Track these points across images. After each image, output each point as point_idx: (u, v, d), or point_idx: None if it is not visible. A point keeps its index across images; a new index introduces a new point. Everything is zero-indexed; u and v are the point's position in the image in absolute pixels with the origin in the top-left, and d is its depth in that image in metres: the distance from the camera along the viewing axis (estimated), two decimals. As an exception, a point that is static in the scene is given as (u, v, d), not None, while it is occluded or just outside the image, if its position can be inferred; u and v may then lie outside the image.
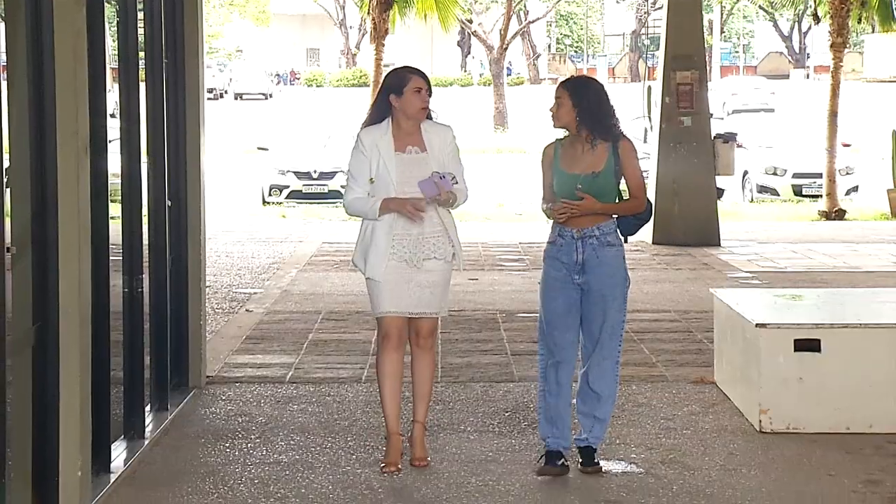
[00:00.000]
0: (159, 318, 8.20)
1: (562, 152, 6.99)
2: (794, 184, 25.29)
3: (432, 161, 6.93)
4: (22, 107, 5.75)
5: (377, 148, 6.91)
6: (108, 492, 6.58)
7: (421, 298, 6.94)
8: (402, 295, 6.90)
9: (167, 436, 7.79)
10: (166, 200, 8.30)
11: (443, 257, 6.96)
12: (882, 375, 7.78)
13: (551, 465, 6.92)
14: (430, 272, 6.93)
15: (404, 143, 6.96)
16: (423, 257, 6.90)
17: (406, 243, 6.89)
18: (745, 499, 6.58)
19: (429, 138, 6.99)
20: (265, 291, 13.71)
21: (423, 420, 7.09)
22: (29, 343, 5.81)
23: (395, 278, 6.87)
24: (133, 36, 7.56)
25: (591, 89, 7.00)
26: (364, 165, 6.93)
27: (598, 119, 6.87)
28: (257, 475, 7.01)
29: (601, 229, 6.87)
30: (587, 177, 6.85)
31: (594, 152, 6.88)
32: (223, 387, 9.06)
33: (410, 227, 6.86)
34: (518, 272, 14.86)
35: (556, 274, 6.95)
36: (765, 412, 7.77)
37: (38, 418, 5.89)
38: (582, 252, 6.85)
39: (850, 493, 6.67)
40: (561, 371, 6.97)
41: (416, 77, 6.97)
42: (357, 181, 6.97)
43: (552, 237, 7.01)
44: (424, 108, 6.97)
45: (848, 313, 8.52)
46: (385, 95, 6.97)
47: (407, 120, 6.96)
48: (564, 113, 6.89)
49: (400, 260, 6.88)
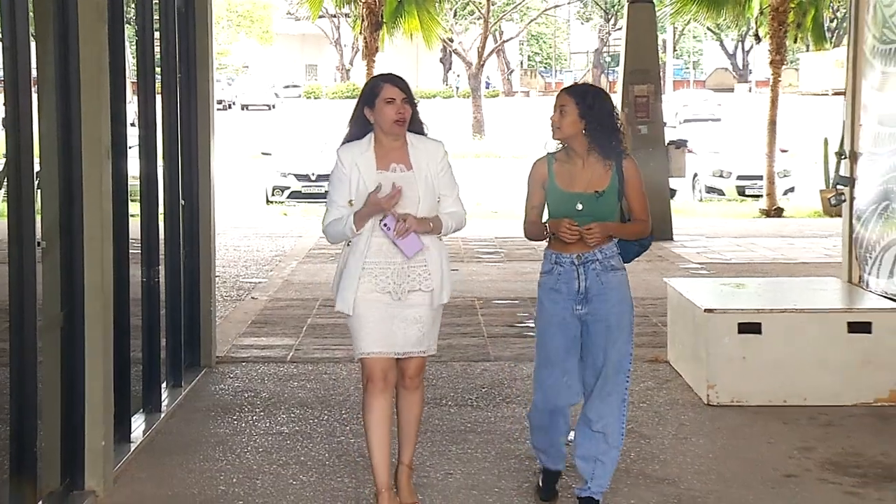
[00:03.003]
0: (174, 304, 8.19)
1: (557, 168, 5.56)
2: (738, 185, 25.42)
3: (419, 180, 5.45)
4: (50, 116, 5.73)
5: (357, 167, 5.44)
6: (128, 459, 6.57)
7: (408, 336, 5.52)
8: (386, 333, 5.49)
9: (181, 409, 7.78)
10: (180, 200, 8.28)
11: (429, 289, 5.53)
12: (815, 355, 7.80)
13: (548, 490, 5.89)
14: (417, 307, 5.51)
15: (387, 160, 5.48)
16: (407, 289, 5.48)
17: (389, 273, 5.46)
18: (695, 464, 6.58)
19: (416, 155, 5.50)
20: (269, 281, 13.71)
21: (410, 462, 5.82)
22: (58, 326, 5.80)
23: (378, 315, 5.47)
24: (150, 52, 7.54)
25: (601, 99, 5.50)
26: (343, 187, 5.47)
27: (607, 134, 5.46)
28: (261, 444, 7.00)
29: (604, 253, 5.48)
30: (589, 196, 5.46)
31: (595, 169, 5.50)
32: (231, 366, 9.05)
33: (392, 256, 5.44)
34: (494, 263, 14.83)
35: (554, 308, 5.56)
36: (712, 387, 7.78)
37: (65, 393, 5.88)
38: (584, 279, 5.48)
39: (786, 459, 6.68)
40: (555, 418, 5.67)
41: (388, 86, 5.47)
42: (335, 203, 5.50)
43: (547, 266, 5.61)
44: (399, 121, 5.44)
45: (785, 300, 8.53)
46: (361, 108, 5.54)
47: (385, 135, 5.48)
48: (569, 124, 5.46)
49: (383, 292, 5.46)
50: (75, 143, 5.87)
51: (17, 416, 5.22)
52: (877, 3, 8.68)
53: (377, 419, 5.54)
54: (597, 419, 5.52)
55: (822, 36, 23.53)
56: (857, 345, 7.82)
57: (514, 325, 10.75)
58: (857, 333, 7.84)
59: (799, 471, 6.49)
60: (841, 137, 10.91)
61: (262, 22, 69.25)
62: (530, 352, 9.51)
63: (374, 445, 5.55)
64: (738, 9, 22.59)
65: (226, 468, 6.55)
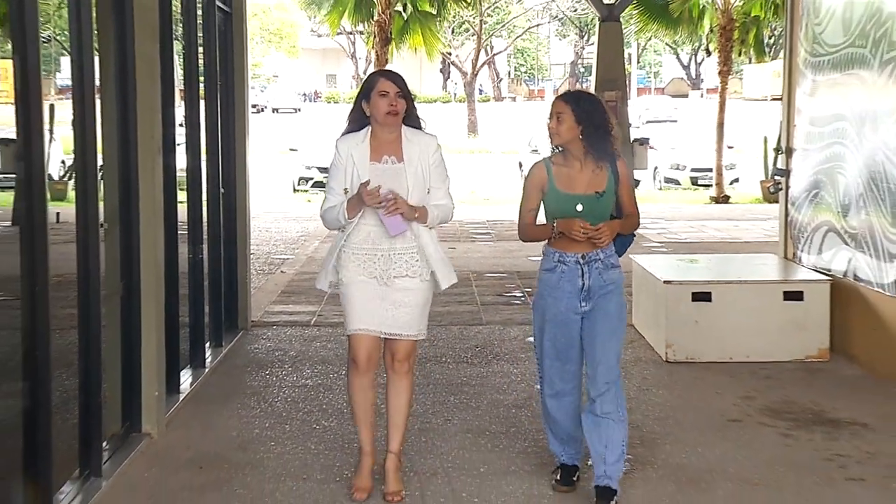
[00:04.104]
0: (215, 276, 8.19)
1: (555, 171, 5.00)
2: (691, 176, 25.37)
3: (409, 173, 4.91)
4: (111, 118, 5.73)
5: (352, 157, 4.92)
6: (177, 407, 6.58)
7: (396, 318, 4.93)
8: (373, 312, 4.92)
9: (221, 365, 7.79)
10: (220, 188, 8.28)
11: (418, 275, 4.95)
12: (756, 319, 7.81)
13: (566, 482, 5.18)
14: (405, 291, 4.93)
15: (381, 152, 4.94)
16: (393, 275, 4.91)
17: (375, 259, 4.92)
18: (655, 411, 6.60)
19: (409, 148, 4.95)
20: (295, 257, 13.70)
21: (398, 451, 5.12)
22: (118, 295, 5.81)
23: (366, 294, 4.92)
24: (195, 64, 7.52)
25: (595, 105, 5.00)
26: (340, 175, 4.96)
27: (603, 138, 4.95)
28: (289, 395, 7.01)
29: (605, 252, 4.99)
30: (590, 197, 4.93)
31: (591, 171, 4.96)
32: (263, 329, 9.06)
33: (379, 242, 4.91)
34: (485, 242, 14.80)
35: (557, 305, 5.00)
36: (670, 347, 7.80)
37: (125, 352, 5.89)
38: (588, 277, 4.97)
39: (731, 406, 6.69)
40: (565, 400, 5.14)
41: (383, 79, 4.96)
42: (332, 191, 4.98)
43: (549, 264, 5.04)
44: (392, 113, 4.90)
45: (731, 272, 8.54)
46: (359, 102, 5.00)
47: (381, 127, 4.94)
48: (566, 129, 4.92)
49: (370, 276, 4.92)
50: (132, 141, 5.86)
51: (84, 371, 5.23)
52: (808, 22, 8.67)
53: (360, 400, 5.04)
54: (602, 406, 4.94)
55: (762, 50, 23.48)
56: (791, 311, 7.83)
57: (503, 295, 10.75)
58: (791, 301, 7.85)
59: (742, 416, 6.50)
60: (778, 136, 10.88)
61: (290, 38, 68.87)
62: (517, 317, 9.56)
63: (360, 419, 5.09)
64: (692, 27, 22.65)
65: (259, 415, 6.56)
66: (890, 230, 7.15)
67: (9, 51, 4.52)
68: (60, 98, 5.23)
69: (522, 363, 7.79)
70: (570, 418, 5.14)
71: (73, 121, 5.19)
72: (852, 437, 6.07)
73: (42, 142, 4.55)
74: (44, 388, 4.57)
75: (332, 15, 23.38)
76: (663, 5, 21.74)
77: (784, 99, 9.33)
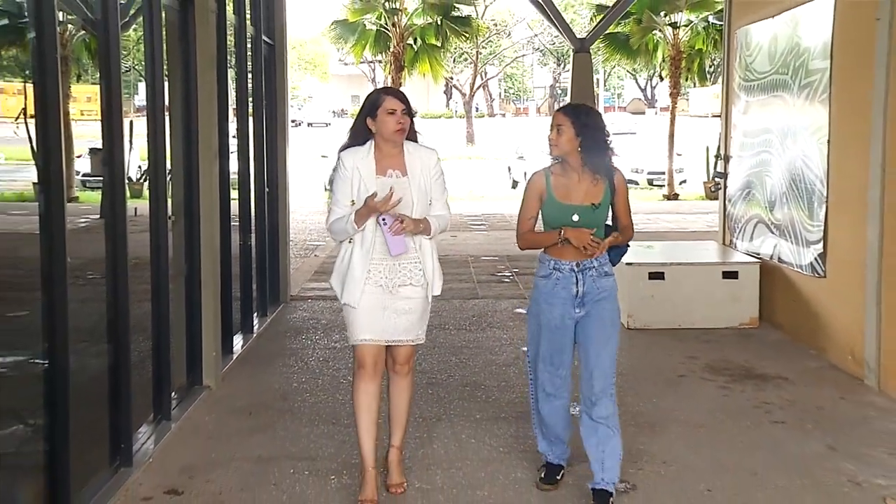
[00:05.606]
0: (261, 259, 8.20)
1: (554, 182, 4.29)
2: (648, 178, 25.33)
3: (412, 185, 4.22)
4: (178, 131, 5.73)
5: (358, 170, 4.19)
6: (231, 365, 6.60)
7: (397, 325, 4.28)
8: (378, 321, 4.25)
9: (266, 331, 7.80)
10: (265, 188, 8.28)
11: (419, 284, 4.27)
12: (700, 293, 7.81)
13: (549, 481, 4.49)
14: (407, 299, 4.26)
15: (385, 165, 4.22)
16: (398, 283, 4.24)
17: (382, 268, 4.24)
18: (619, 369, 6.54)
19: (410, 161, 4.24)
20: (326, 244, 13.69)
21: (400, 445, 4.51)
22: (182, 275, 5.81)
23: (371, 304, 4.24)
24: (244, 87, 7.52)
25: (594, 119, 4.28)
26: (346, 187, 4.20)
27: (601, 151, 4.24)
28: (321, 355, 7.02)
29: (599, 260, 4.27)
30: (586, 208, 4.24)
31: (588, 182, 4.26)
32: (300, 302, 9.06)
33: (386, 254, 4.23)
34: (481, 232, 14.80)
35: (552, 312, 4.30)
36: (631, 317, 7.80)
37: (189, 321, 5.90)
38: (582, 284, 4.25)
39: (679, 364, 6.70)
40: (556, 403, 4.44)
41: (390, 98, 4.23)
42: (339, 203, 4.21)
43: (545, 271, 4.32)
44: (400, 130, 4.20)
45: (680, 256, 8.53)
46: (362, 118, 4.25)
47: (385, 142, 4.22)
48: (566, 141, 4.23)
49: (376, 285, 4.24)
50: (194, 149, 5.87)
51: (156, 335, 5.24)
52: (741, 54, 8.66)
53: (366, 404, 4.28)
54: (597, 411, 4.26)
55: (704, 76, 23.44)
56: (728, 287, 7.83)
57: (495, 275, 10.75)
58: (728, 279, 7.85)
59: (687, 372, 6.51)
60: (718, 145, 10.87)
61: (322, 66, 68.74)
62: (507, 293, 9.56)
63: (362, 429, 4.29)
64: (648, 57, 22.68)
65: (297, 371, 6.57)
66: (808, 221, 7.16)
67: (97, 78, 4.53)
68: (138, 115, 5.23)
69: (511, 330, 7.80)
70: (559, 421, 4.46)
71: (147, 134, 5.19)
72: (776, 389, 6.08)
73: (123, 151, 4.56)
74: (124, 348, 4.59)
75: (357, 47, 23.42)
76: (625, 40, 21.88)
77: (722, 115, 9.33)
